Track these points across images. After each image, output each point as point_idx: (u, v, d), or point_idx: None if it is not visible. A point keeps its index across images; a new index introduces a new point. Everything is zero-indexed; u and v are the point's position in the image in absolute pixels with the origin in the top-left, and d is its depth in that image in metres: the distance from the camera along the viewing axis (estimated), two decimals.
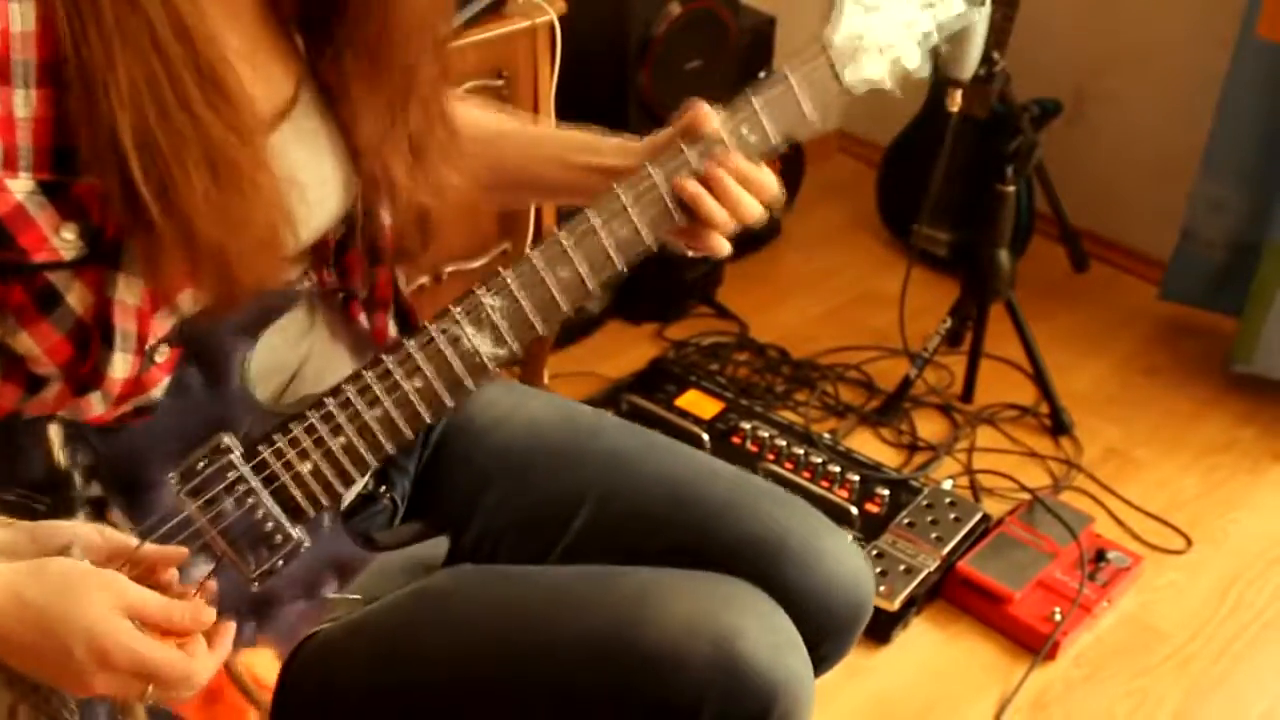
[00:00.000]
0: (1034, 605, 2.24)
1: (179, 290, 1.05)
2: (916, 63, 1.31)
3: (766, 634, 1.15)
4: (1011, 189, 2.62)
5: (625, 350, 2.92)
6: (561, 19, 2.31)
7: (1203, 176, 2.86)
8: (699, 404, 2.67)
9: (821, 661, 1.27)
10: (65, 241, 0.98)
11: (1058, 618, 2.20)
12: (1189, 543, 2.46)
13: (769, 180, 1.22)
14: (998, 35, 2.54)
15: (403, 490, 1.33)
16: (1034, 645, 2.20)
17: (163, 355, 1.07)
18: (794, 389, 2.86)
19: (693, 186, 1.18)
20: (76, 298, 1.01)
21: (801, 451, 2.50)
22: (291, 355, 1.19)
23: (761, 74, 3.12)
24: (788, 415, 2.72)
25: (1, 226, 0.95)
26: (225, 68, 1.00)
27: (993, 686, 2.16)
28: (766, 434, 2.55)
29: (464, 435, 1.39)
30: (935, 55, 1.34)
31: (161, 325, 1.06)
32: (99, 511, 1.05)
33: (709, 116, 1.20)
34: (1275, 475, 2.66)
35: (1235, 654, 2.23)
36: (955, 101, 2.36)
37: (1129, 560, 2.34)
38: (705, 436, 2.54)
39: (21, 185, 0.95)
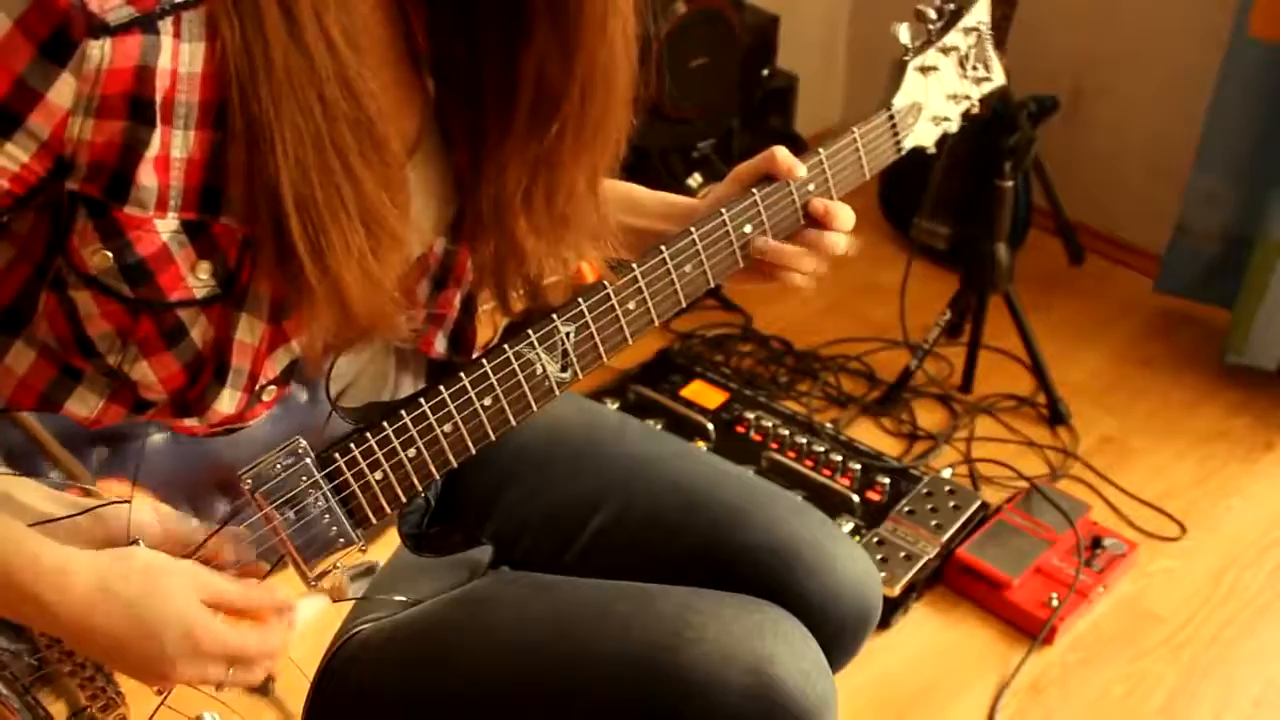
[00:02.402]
0: (1031, 591, 2.23)
1: (299, 334, 1.04)
2: (956, 128, 1.42)
3: (797, 660, 1.15)
4: (1009, 184, 2.61)
5: None
6: None
7: (1197, 171, 2.85)
8: (704, 394, 2.66)
9: (832, 665, 1.27)
10: (199, 281, 0.96)
11: (1055, 603, 2.20)
12: (1183, 530, 2.46)
13: (849, 215, 1.31)
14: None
15: (435, 489, 1.33)
16: (1031, 630, 2.20)
17: (269, 394, 1.06)
18: (797, 380, 2.86)
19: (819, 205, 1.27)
20: (199, 332, 0.99)
21: (804, 441, 2.50)
22: (355, 362, 1.18)
23: (765, 72, 3.11)
24: (791, 405, 2.72)
25: (145, 266, 0.93)
26: (384, 124, 0.97)
27: (991, 670, 2.15)
28: (770, 424, 2.54)
29: None
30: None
31: (274, 366, 1.05)
32: None
33: (796, 165, 1.25)
34: (1268, 464, 2.65)
35: (1229, 638, 2.23)
36: None
37: (1125, 547, 2.33)
38: (710, 426, 2.53)
39: (168, 225, 0.92)
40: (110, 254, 0.92)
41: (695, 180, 2.94)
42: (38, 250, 0.95)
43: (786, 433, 2.52)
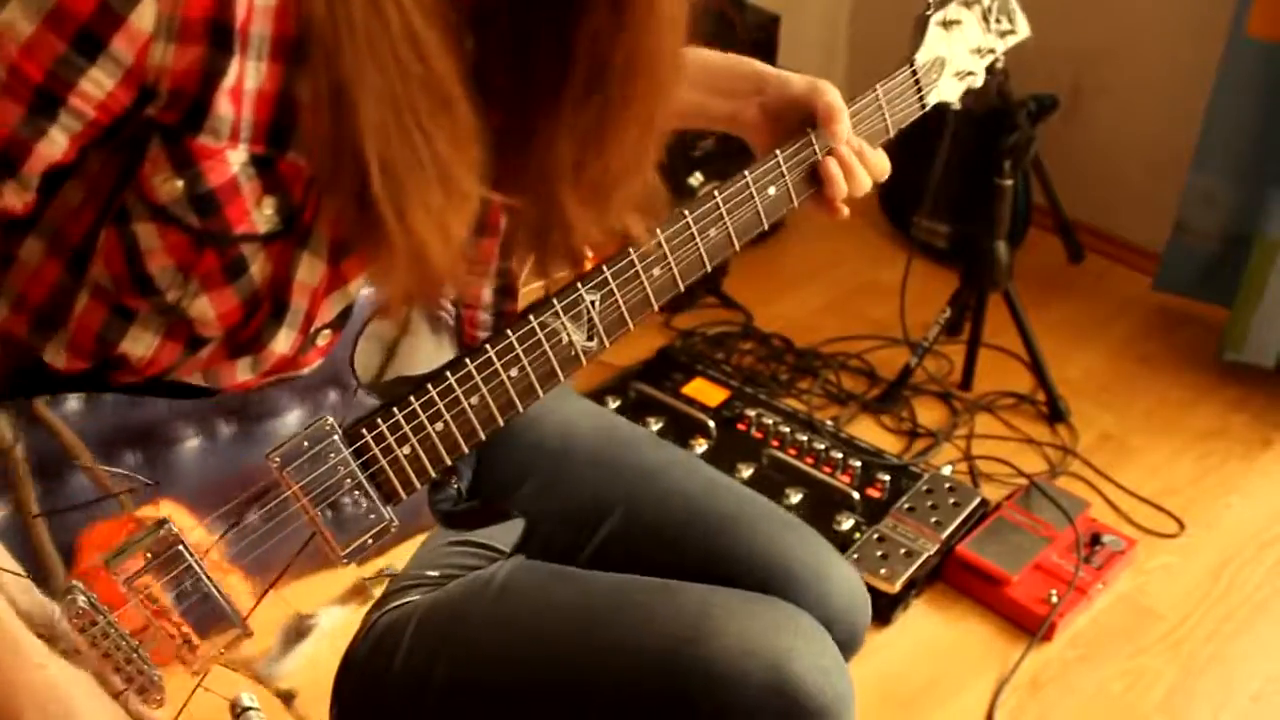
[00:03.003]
0: (1031, 587, 2.23)
1: (356, 277, 1.04)
2: (980, 82, 1.41)
3: (817, 657, 1.15)
4: (1009, 182, 2.61)
5: (633, 339, 2.88)
6: None
7: (1195, 170, 2.84)
8: (705, 392, 2.66)
9: None
10: (264, 216, 0.96)
11: (1054, 600, 2.19)
12: (1182, 526, 2.45)
13: (883, 160, 1.30)
14: None
15: (467, 479, 1.33)
16: (1031, 626, 2.20)
17: (324, 339, 1.07)
18: (797, 377, 2.85)
19: (831, 168, 1.26)
20: (259, 268, 0.99)
21: (805, 438, 2.49)
22: (390, 330, 1.18)
23: None
24: (791, 403, 2.71)
25: (214, 197, 0.93)
26: (452, 83, 0.97)
27: (991, 667, 2.15)
28: (771, 421, 2.54)
29: (506, 427, 1.39)
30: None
31: (329, 309, 1.05)
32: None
33: (841, 115, 1.26)
34: (1266, 461, 2.64)
35: (1227, 635, 2.22)
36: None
37: (1123, 544, 2.33)
38: (711, 424, 2.53)
39: (238, 157, 0.93)
40: (181, 183, 0.92)
41: (696, 179, 2.94)
42: (105, 188, 0.95)
43: (787, 430, 2.52)
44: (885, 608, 2.19)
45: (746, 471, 2.41)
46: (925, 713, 2.08)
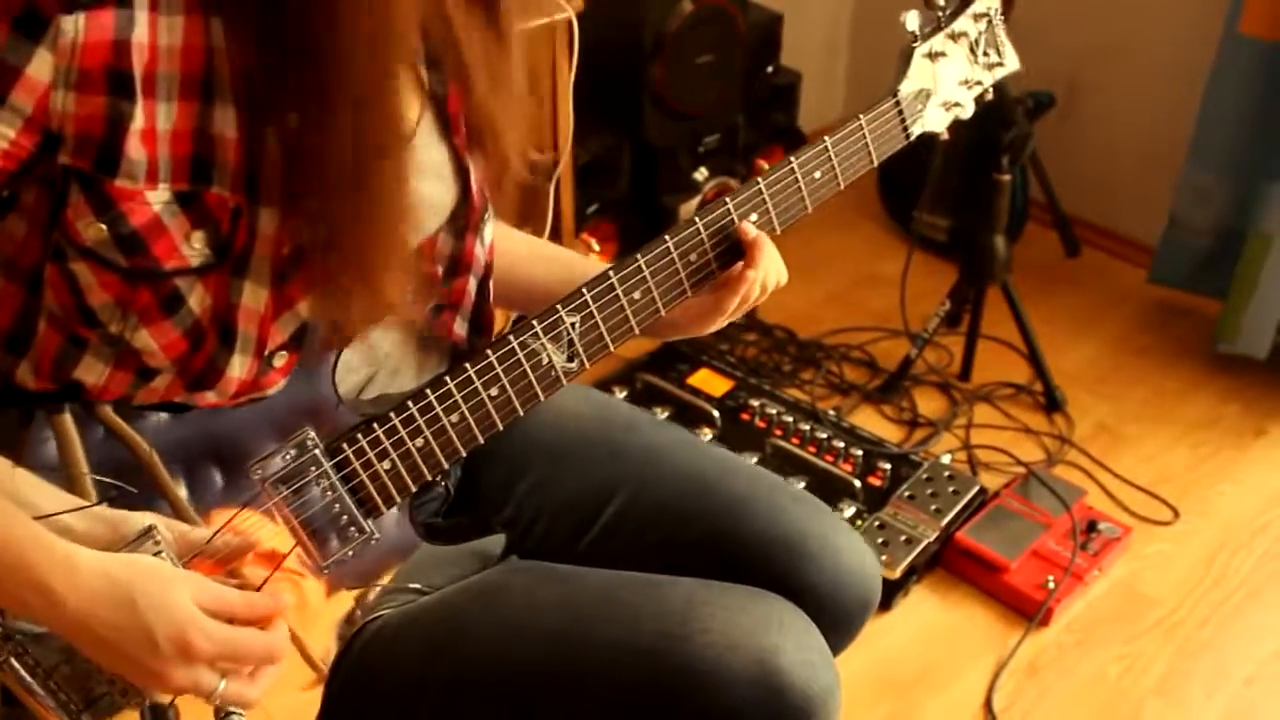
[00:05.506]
0: (1029, 574, 2.22)
1: (304, 298, 1.03)
2: (969, 114, 1.39)
3: (802, 651, 1.15)
4: (1007, 178, 2.60)
5: None
6: (579, 16, 2.30)
7: (1189, 166, 2.83)
8: (710, 382, 2.65)
9: (832, 648, 1.26)
10: (194, 250, 0.96)
11: (1051, 586, 2.19)
12: (1176, 514, 2.45)
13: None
14: None
15: (455, 478, 1.32)
16: (1029, 612, 2.19)
17: (281, 360, 1.06)
18: (800, 368, 2.85)
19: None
20: (197, 300, 0.98)
21: (807, 428, 2.49)
22: (374, 353, 1.17)
23: (769, 68, 3.10)
24: (794, 393, 2.71)
25: (138, 236, 0.93)
26: (390, 83, 0.98)
27: (989, 651, 2.14)
28: (774, 411, 2.53)
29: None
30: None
31: (281, 332, 1.05)
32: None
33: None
34: (1258, 450, 2.63)
35: (1220, 620, 2.22)
36: None
37: (1119, 531, 2.32)
38: (716, 413, 2.53)
39: (159, 196, 0.92)
40: (104, 226, 0.92)
41: (701, 174, 2.93)
42: (43, 220, 0.95)
43: (790, 420, 2.51)
44: (886, 594, 2.17)
45: (750, 461, 2.40)
46: (925, 696, 2.08)
